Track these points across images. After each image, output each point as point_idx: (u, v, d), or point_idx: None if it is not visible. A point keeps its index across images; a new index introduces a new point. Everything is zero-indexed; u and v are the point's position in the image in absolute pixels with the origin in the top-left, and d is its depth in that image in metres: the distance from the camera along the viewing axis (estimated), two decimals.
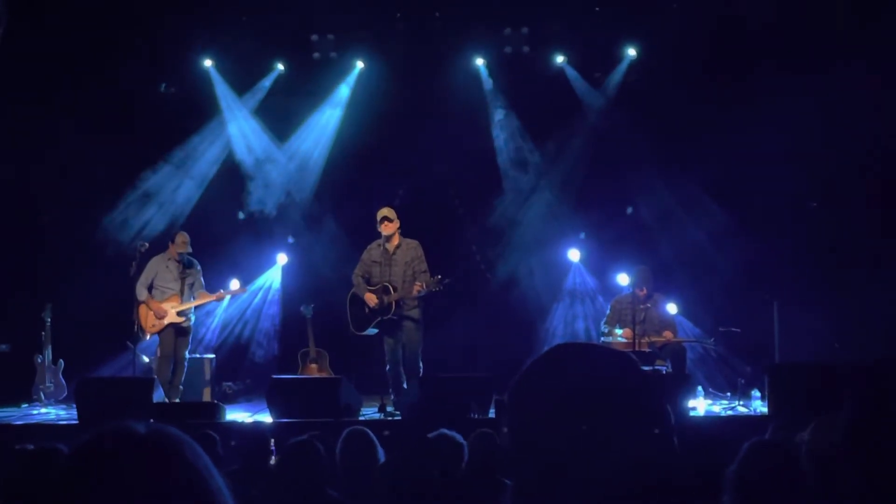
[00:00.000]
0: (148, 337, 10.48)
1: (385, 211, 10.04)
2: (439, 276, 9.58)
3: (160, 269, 10.49)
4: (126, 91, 11.85)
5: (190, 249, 10.61)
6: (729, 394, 10.78)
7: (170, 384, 10.21)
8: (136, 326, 10.37)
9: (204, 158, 12.72)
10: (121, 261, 10.66)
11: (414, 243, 10.05)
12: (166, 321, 10.35)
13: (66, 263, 11.84)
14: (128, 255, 10.68)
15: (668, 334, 10.28)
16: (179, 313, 10.43)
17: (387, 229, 9.95)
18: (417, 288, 9.63)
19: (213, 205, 12.59)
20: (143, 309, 10.43)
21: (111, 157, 11.63)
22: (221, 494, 1.35)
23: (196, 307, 10.74)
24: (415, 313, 9.89)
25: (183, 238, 10.60)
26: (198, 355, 11.62)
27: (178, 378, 10.38)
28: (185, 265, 10.60)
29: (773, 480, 3.46)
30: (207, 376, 11.32)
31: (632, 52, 12.33)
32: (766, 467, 3.49)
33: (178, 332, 10.46)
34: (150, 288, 10.45)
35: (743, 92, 11.43)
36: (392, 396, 9.95)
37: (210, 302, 10.93)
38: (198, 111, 12.64)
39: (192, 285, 10.59)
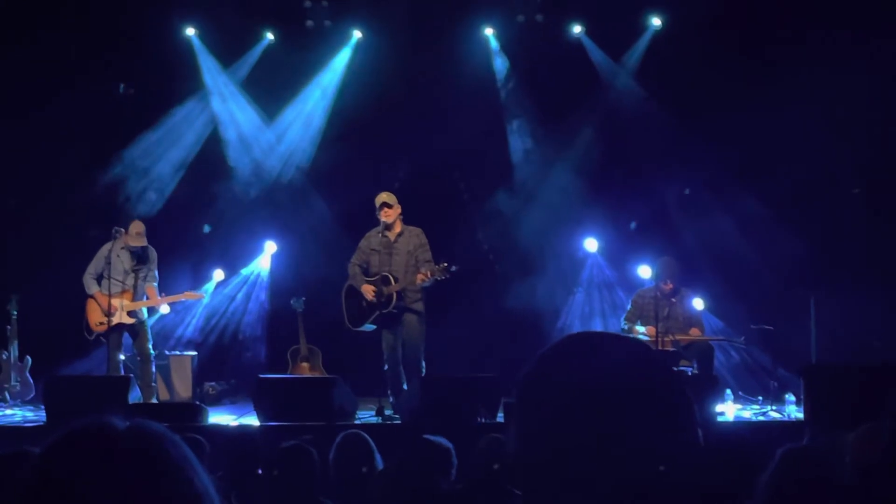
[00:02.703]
0: (92, 337, 10.40)
1: (384, 196, 10.01)
2: (445, 264, 9.54)
3: (112, 258, 10.23)
4: (101, 65, 11.83)
5: (145, 242, 10.36)
6: (760, 398, 10.79)
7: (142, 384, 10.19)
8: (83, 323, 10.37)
9: (186, 137, 12.72)
10: (94, 249, 10.64)
11: (417, 230, 10.04)
12: (115, 320, 10.15)
13: (35, 252, 11.84)
14: (102, 242, 10.67)
15: (695, 332, 10.24)
16: (130, 313, 10.28)
17: (387, 216, 9.93)
18: (422, 277, 9.59)
19: (196, 188, 12.59)
20: (90, 304, 10.35)
21: (84, 135, 11.63)
22: (207, 495, 1.35)
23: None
24: (417, 307, 9.87)
25: (137, 228, 10.34)
26: (178, 352, 11.66)
27: (149, 376, 10.32)
28: (139, 258, 10.43)
29: (809, 491, 3.46)
30: (189, 375, 11.36)
31: (656, 21, 12.31)
32: (802, 476, 3.49)
33: (131, 332, 10.38)
34: (99, 278, 10.34)
35: (780, 64, 11.39)
36: (391, 398, 9.96)
37: (175, 302, 10.86)
38: (179, 85, 12.62)
39: (144, 277, 10.44)
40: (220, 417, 9.88)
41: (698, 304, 10.60)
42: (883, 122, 10.92)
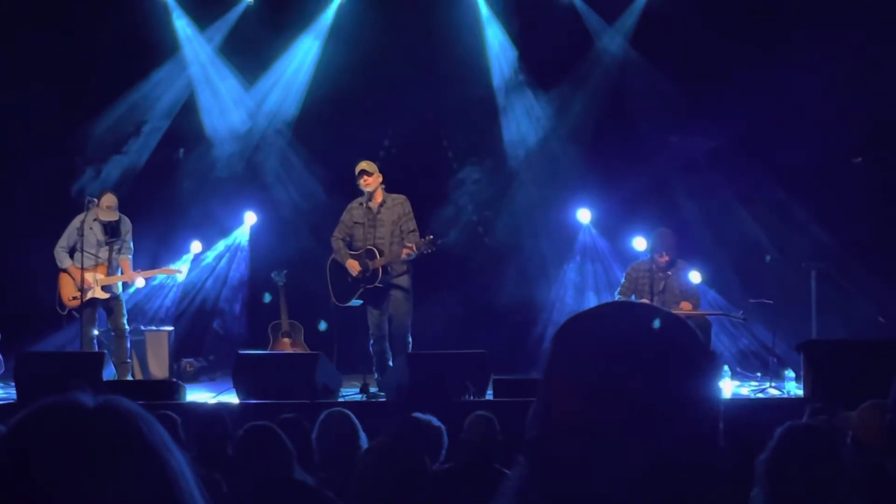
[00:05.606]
0: (65, 312, 10.38)
1: (363, 164, 9.98)
2: (431, 236, 9.56)
3: (84, 229, 10.21)
4: (70, 29, 11.73)
5: (116, 216, 10.34)
6: (759, 374, 10.83)
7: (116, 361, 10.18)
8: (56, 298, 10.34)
9: (161, 104, 12.65)
10: (66, 218, 10.59)
11: (401, 199, 10.03)
12: (89, 295, 10.14)
13: (2, 221, 11.77)
14: (75, 211, 10.61)
15: (685, 306, 10.17)
16: (104, 288, 10.26)
17: (367, 185, 9.92)
18: (406, 251, 9.60)
19: (172, 156, 12.54)
20: (63, 277, 10.31)
21: (55, 101, 11.54)
22: (183, 476, 1.33)
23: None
24: (403, 280, 9.89)
25: (108, 201, 10.32)
26: (154, 328, 11.64)
27: (123, 352, 10.31)
28: (112, 231, 10.39)
29: (810, 469, 3.47)
30: (165, 351, 11.35)
31: None
32: (803, 454, 3.50)
33: (105, 308, 10.38)
34: (72, 251, 10.31)
35: (781, 28, 11.36)
36: (376, 375, 9.98)
37: (150, 276, 10.84)
38: (153, 49, 12.52)
39: (119, 250, 10.42)
40: (198, 395, 9.88)
41: (695, 277, 10.57)
42: (886, 88, 10.88)
